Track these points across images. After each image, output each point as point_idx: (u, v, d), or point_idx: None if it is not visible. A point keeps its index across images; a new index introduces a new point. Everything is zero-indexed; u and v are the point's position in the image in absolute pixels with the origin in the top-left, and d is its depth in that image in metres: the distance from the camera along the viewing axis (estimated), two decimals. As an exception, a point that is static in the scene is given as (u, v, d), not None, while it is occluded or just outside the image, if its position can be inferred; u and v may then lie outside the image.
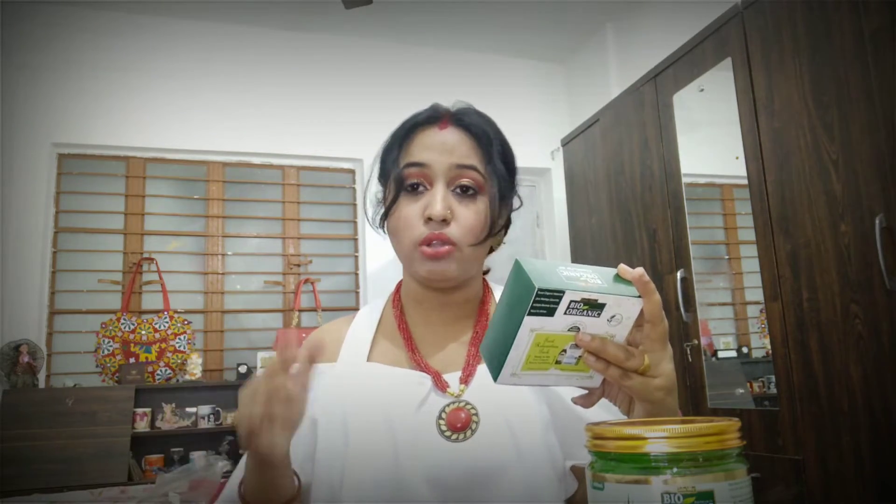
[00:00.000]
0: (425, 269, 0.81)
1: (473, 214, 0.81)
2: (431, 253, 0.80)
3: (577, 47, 4.09)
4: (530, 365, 0.58)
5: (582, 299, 0.55)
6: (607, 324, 0.58)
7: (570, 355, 0.59)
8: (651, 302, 0.58)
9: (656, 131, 2.57)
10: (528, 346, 0.56)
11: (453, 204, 0.81)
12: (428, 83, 3.86)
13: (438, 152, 0.82)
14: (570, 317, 0.56)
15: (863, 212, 1.67)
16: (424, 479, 0.75)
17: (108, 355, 3.18)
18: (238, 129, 3.61)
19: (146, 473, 2.93)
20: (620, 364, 0.58)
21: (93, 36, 3.47)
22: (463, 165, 0.82)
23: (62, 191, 3.39)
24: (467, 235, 0.81)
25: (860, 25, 1.68)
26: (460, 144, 0.83)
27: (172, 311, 3.35)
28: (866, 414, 1.66)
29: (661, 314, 0.59)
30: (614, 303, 0.57)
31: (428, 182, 0.82)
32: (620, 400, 0.64)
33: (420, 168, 0.82)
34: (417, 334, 0.88)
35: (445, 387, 0.81)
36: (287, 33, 3.80)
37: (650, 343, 0.59)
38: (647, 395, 0.59)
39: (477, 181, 0.82)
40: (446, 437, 0.77)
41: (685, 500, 0.44)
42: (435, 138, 0.83)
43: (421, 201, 0.81)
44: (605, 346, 0.57)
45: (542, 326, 0.55)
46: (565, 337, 0.57)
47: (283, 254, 3.70)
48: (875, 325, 1.64)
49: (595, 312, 0.56)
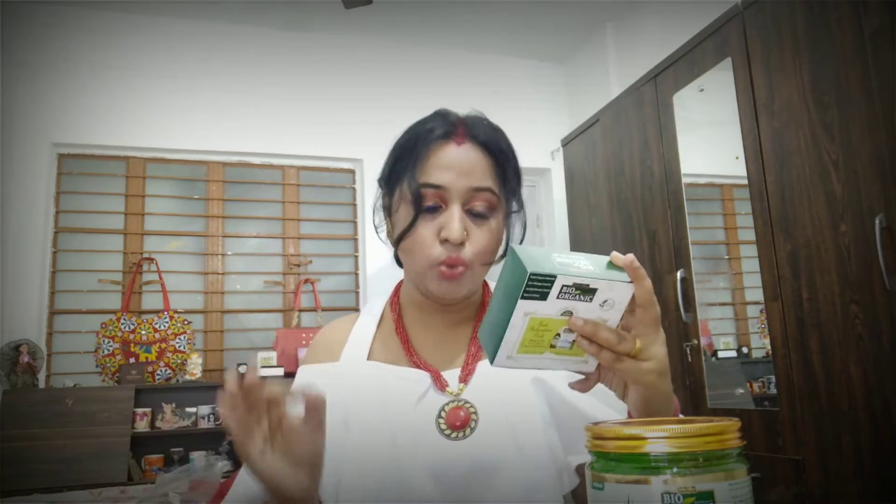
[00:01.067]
0: (440, 291, 0.82)
1: (487, 234, 0.82)
2: (448, 274, 0.80)
3: (577, 47, 4.09)
4: (526, 348, 0.60)
5: (574, 284, 0.57)
6: (600, 308, 0.59)
7: (564, 339, 0.60)
8: (641, 287, 0.60)
9: (656, 131, 2.57)
10: (522, 330, 0.58)
11: (468, 225, 0.81)
12: (428, 83, 3.86)
13: (456, 174, 0.81)
14: (563, 301, 0.57)
15: (863, 212, 1.67)
16: (425, 476, 0.75)
17: (108, 355, 3.18)
18: (238, 129, 3.61)
19: (146, 473, 2.93)
20: (612, 347, 0.59)
21: (92, 36, 3.47)
22: (479, 188, 0.81)
23: (62, 191, 3.39)
24: (480, 256, 0.81)
25: (860, 25, 1.68)
26: (477, 165, 0.82)
27: (172, 311, 3.35)
28: (866, 414, 1.66)
29: (652, 298, 0.61)
30: (606, 287, 0.59)
31: (443, 202, 0.81)
32: (616, 384, 0.65)
33: (437, 190, 0.81)
34: (416, 335, 0.89)
35: (444, 385, 0.81)
36: (287, 33, 3.80)
37: (642, 327, 0.61)
38: (639, 377, 0.61)
39: (491, 203, 0.82)
40: (446, 435, 0.77)
41: (685, 500, 0.44)
42: (451, 156, 0.81)
43: (436, 221, 0.81)
44: (597, 330, 0.59)
45: (535, 310, 0.57)
46: (559, 321, 0.59)
47: (283, 254, 3.70)
48: (875, 325, 1.64)
49: (587, 297, 0.58)
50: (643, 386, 0.61)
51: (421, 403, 0.80)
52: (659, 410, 0.63)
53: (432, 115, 0.86)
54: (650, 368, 0.60)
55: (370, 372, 0.84)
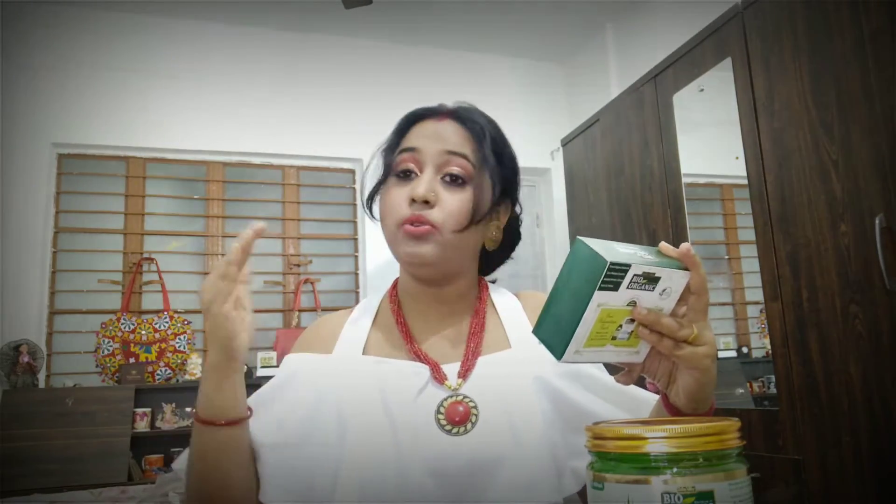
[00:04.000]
0: (405, 251, 0.83)
1: (458, 201, 0.83)
2: (413, 232, 0.81)
3: (577, 47, 4.09)
4: (591, 341, 0.60)
5: (643, 273, 0.58)
6: (658, 297, 0.61)
7: (624, 330, 0.61)
8: (698, 275, 0.62)
9: (656, 131, 2.57)
10: (592, 322, 0.58)
11: (439, 189, 0.83)
12: (428, 83, 3.86)
13: (432, 139, 0.85)
14: (631, 291, 0.58)
15: (863, 212, 1.67)
16: (423, 472, 0.75)
17: (108, 355, 3.18)
18: (238, 129, 3.61)
19: (146, 473, 2.93)
20: (673, 335, 0.61)
21: (93, 36, 3.47)
22: (453, 152, 0.84)
23: (62, 191, 3.39)
24: (448, 220, 0.82)
25: (860, 25, 1.68)
26: (453, 134, 0.85)
27: (172, 311, 3.35)
28: (866, 414, 1.66)
29: (706, 286, 0.63)
30: (667, 276, 0.60)
31: (418, 168, 0.84)
32: (661, 374, 0.66)
33: (411, 153, 0.84)
34: (415, 327, 0.89)
35: (443, 379, 0.81)
36: (287, 33, 3.80)
37: (694, 314, 0.63)
38: (697, 362, 0.62)
39: (466, 169, 0.84)
40: (446, 430, 0.77)
41: (685, 500, 0.44)
42: (429, 127, 0.86)
43: (409, 186, 0.84)
44: (659, 319, 0.61)
45: (607, 301, 0.57)
46: (623, 311, 0.59)
47: (283, 254, 3.70)
48: (875, 325, 1.64)
49: (650, 286, 0.59)
50: (699, 371, 0.63)
51: (420, 397, 0.80)
52: (707, 397, 0.65)
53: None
54: (706, 353, 0.63)
55: (367, 365, 0.84)
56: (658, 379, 0.67)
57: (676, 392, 0.65)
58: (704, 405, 0.66)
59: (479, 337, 0.87)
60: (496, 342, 0.87)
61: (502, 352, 0.86)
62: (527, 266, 4.16)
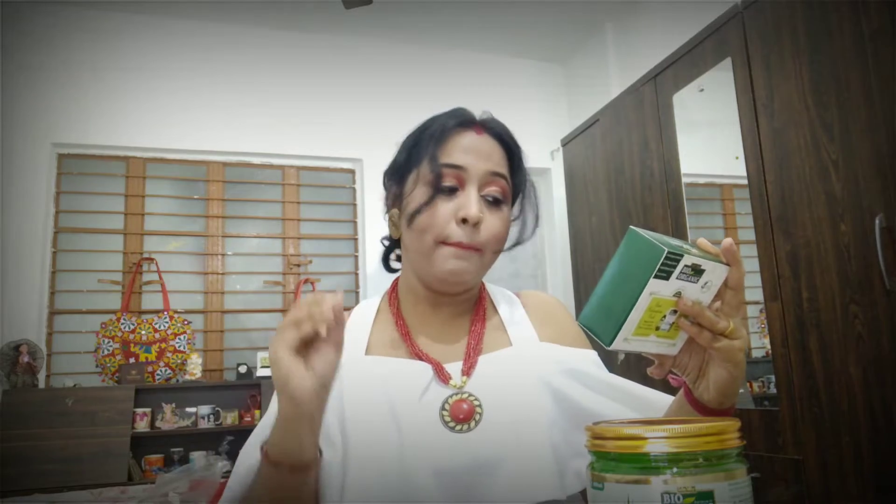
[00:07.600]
0: (447, 268, 0.81)
1: (499, 222, 0.84)
2: (459, 252, 0.81)
3: (577, 47, 4.09)
4: (639, 330, 0.60)
5: (692, 264, 0.58)
6: (700, 290, 0.62)
7: (667, 321, 0.62)
8: (739, 270, 0.64)
9: (656, 131, 2.57)
10: (643, 311, 0.59)
11: (482, 209, 0.83)
12: (428, 83, 3.86)
13: (475, 157, 0.84)
14: (679, 282, 0.59)
15: (863, 212, 1.67)
16: (429, 469, 0.75)
17: (108, 355, 3.18)
18: (238, 129, 3.61)
19: (146, 473, 2.93)
20: (713, 327, 0.63)
21: (93, 36, 3.47)
22: (496, 173, 0.84)
23: (62, 191, 3.39)
24: (491, 241, 0.83)
25: (860, 25, 1.68)
26: (494, 152, 0.85)
27: (172, 311, 3.35)
28: (866, 414, 1.66)
29: (744, 282, 0.65)
30: (710, 269, 0.61)
31: (460, 184, 0.83)
32: (691, 368, 0.67)
33: (457, 170, 0.82)
34: (415, 328, 0.89)
35: (448, 378, 0.81)
36: (287, 33, 3.80)
37: (730, 309, 0.64)
38: (732, 355, 0.64)
39: (505, 191, 0.85)
40: (450, 427, 0.77)
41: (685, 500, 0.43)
42: (472, 142, 0.85)
43: (453, 202, 0.82)
44: (702, 311, 0.62)
45: (658, 290, 0.58)
46: (669, 302, 0.60)
47: (283, 254, 3.70)
48: (875, 325, 1.64)
49: (695, 278, 0.60)
50: (733, 364, 0.65)
51: (425, 396, 0.80)
52: (737, 391, 0.67)
53: (451, 110, 0.88)
54: (741, 346, 0.64)
55: (370, 365, 0.84)
56: (688, 373, 0.68)
57: (706, 386, 0.67)
58: (732, 399, 0.67)
59: (480, 335, 0.87)
60: (497, 340, 0.87)
61: (504, 350, 0.86)
62: (527, 266, 4.16)
